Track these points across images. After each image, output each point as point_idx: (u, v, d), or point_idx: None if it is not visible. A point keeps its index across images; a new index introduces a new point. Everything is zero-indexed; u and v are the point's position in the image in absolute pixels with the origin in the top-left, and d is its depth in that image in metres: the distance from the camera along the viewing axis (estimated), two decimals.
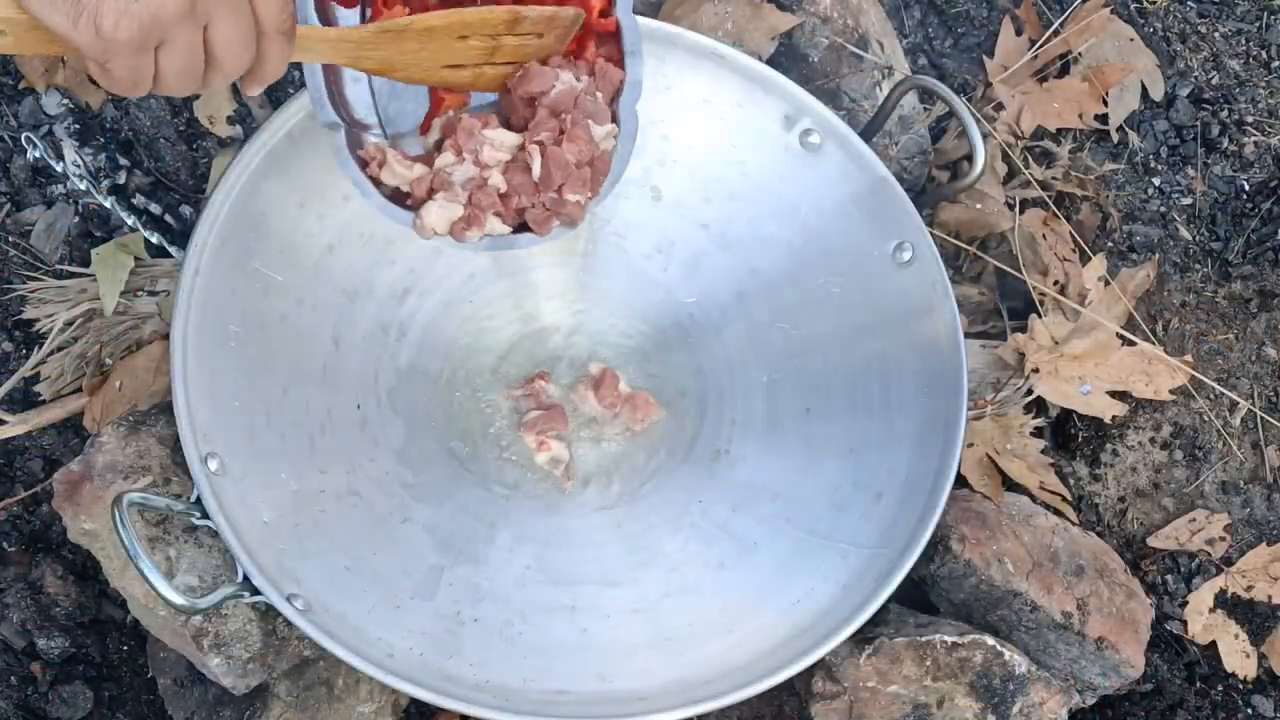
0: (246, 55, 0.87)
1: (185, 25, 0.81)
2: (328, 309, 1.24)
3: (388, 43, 1.03)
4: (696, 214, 1.34)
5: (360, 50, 1.02)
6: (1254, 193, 1.61)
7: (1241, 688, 1.42)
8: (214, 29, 0.83)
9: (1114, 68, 1.59)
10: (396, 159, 1.08)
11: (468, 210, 1.08)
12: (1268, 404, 1.51)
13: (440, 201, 1.08)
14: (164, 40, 0.81)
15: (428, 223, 1.08)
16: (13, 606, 1.29)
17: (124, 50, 0.79)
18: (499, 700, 1.09)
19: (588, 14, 1.13)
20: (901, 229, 1.28)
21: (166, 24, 0.80)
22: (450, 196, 1.08)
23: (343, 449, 1.21)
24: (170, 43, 0.81)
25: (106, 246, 1.34)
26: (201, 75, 0.86)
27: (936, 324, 1.26)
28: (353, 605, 1.11)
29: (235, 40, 0.85)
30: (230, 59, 0.86)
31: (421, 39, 1.04)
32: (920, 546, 1.16)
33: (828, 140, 1.29)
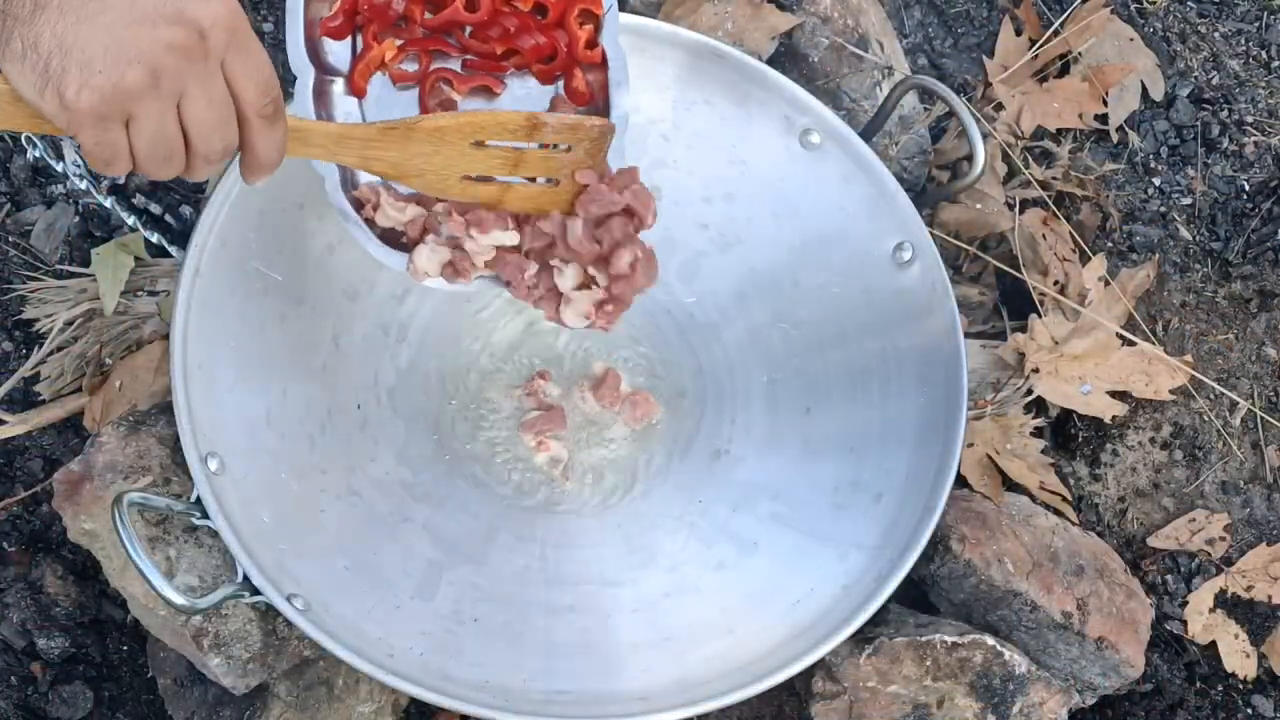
0: (221, 139, 0.84)
1: (150, 100, 0.79)
2: (328, 309, 1.24)
3: (395, 143, 0.99)
4: (696, 214, 1.34)
5: (367, 150, 0.98)
6: (1254, 193, 1.61)
7: (1241, 688, 1.42)
8: (186, 107, 0.82)
9: (1114, 68, 1.59)
10: (389, 202, 1.08)
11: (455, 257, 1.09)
12: (1268, 404, 1.51)
13: (431, 245, 1.08)
14: (131, 115, 0.80)
15: (419, 266, 1.09)
16: (13, 606, 1.29)
17: (88, 122, 0.78)
18: (499, 700, 1.09)
19: (573, 43, 1.13)
20: (901, 229, 1.28)
21: (129, 97, 0.78)
22: (440, 240, 1.08)
23: (343, 449, 1.21)
24: (137, 118, 0.80)
25: (106, 246, 1.34)
26: (182, 156, 0.84)
27: (936, 324, 1.26)
28: (353, 605, 1.11)
29: (209, 120, 0.83)
30: (204, 140, 0.83)
31: (432, 140, 1.00)
32: (920, 546, 1.16)
33: (828, 140, 1.30)
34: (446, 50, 1.14)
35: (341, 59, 1.11)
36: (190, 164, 0.85)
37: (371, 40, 1.11)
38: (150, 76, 0.78)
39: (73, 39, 0.76)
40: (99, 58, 0.77)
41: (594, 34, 1.14)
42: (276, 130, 0.87)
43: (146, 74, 0.78)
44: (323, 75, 1.10)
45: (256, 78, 0.84)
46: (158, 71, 0.78)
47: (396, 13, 1.11)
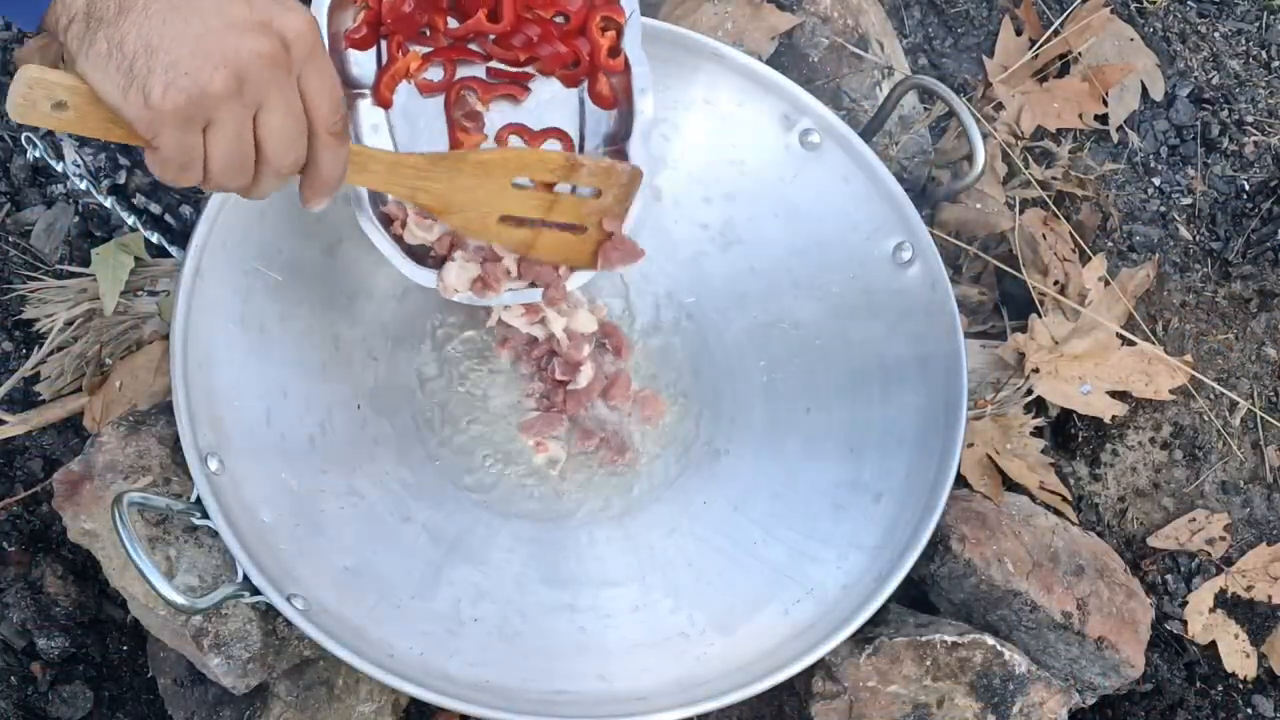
0: (295, 151, 0.86)
1: (233, 106, 0.80)
2: (328, 309, 1.24)
3: (444, 174, 1.02)
4: (696, 214, 1.34)
5: (418, 180, 1.01)
6: (1254, 193, 1.61)
7: (1241, 688, 1.42)
8: (263, 116, 0.83)
9: (1114, 68, 1.59)
10: (415, 220, 1.10)
11: (484, 271, 1.13)
12: (1268, 404, 1.51)
13: (460, 261, 1.12)
14: (212, 120, 0.80)
15: (449, 282, 1.12)
16: (13, 606, 1.29)
17: (170, 123, 0.79)
18: (499, 700, 1.09)
19: (595, 51, 1.14)
20: (901, 229, 1.28)
21: (214, 101, 0.79)
22: (468, 256, 1.11)
23: (343, 449, 1.21)
24: (217, 123, 0.81)
25: (106, 246, 1.34)
26: (252, 167, 0.85)
27: (936, 324, 1.26)
28: (353, 605, 1.11)
29: (284, 131, 0.84)
30: (279, 151, 0.85)
31: (476, 174, 1.04)
32: (920, 546, 1.16)
33: (828, 140, 1.30)
34: (471, 58, 1.15)
35: (366, 70, 1.12)
36: (258, 176, 0.86)
37: (396, 51, 1.11)
38: (235, 82, 0.79)
39: (159, 40, 0.77)
40: (185, 60, 0.77)
41: (616, 40, 1.15)
42: (343, 149, 0.89)
43: (232, 79, 0.79)
44: (349, 90, 1.11)
45: (330, 94, 0.86)
46: (243, 77, 0.79)
47: (420, 23, 1.12)
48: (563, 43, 1.14)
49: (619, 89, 1.16)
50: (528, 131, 1.16)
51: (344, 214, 1.24)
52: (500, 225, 1.08)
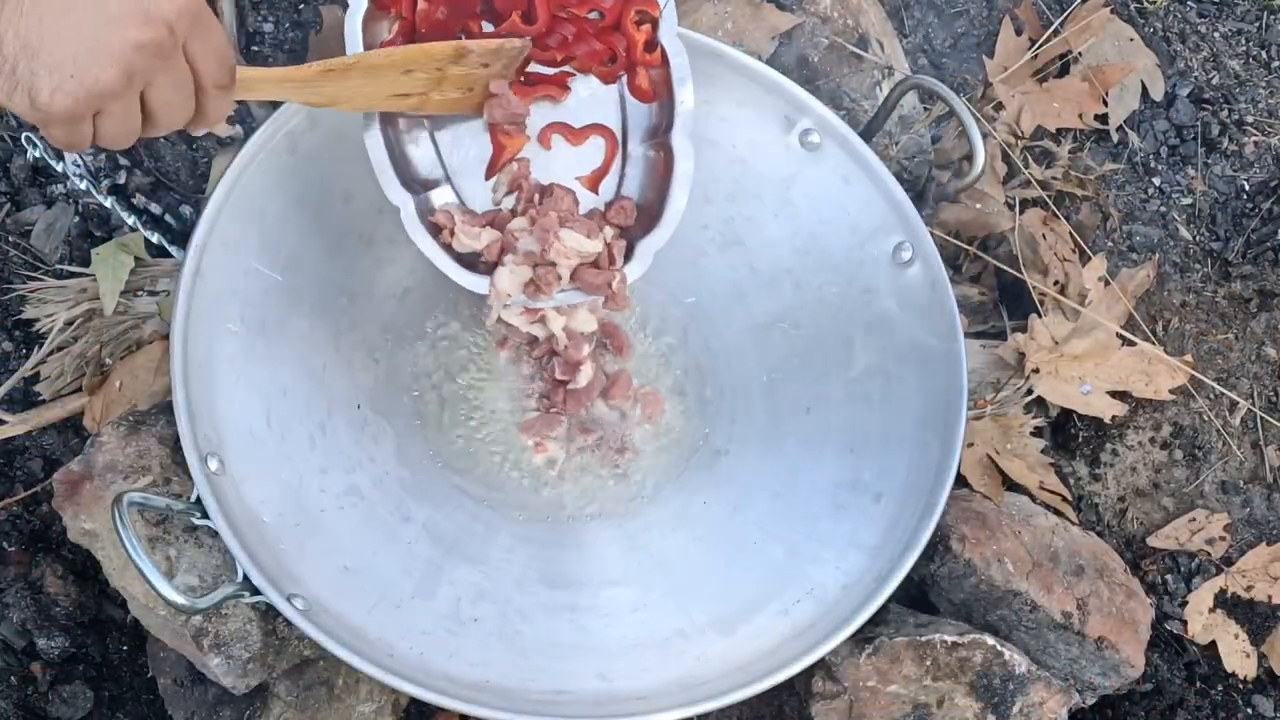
0: (183, 113, 0.86)
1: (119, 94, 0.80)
2: (327, 309, 1.24)
3: (333, 80, 1.03)
4: (696, 214, 1.33)
5: (305, 88, 1.02)
6: (1254, 193, 1.61)
7: (1241, 688, 1.42)
8: (152, 92, 0.83)
9: (1114, 68, 1.59)
10: (463, 228, 1.11)
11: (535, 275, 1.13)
12: (1268, 404, 1.51)
13: (510, 266, 1.12)
14: (101, 110, 0.81)
15: (501, 288, 1.12)
16: (13, 606, 1.28)
17: (59, 121, 0.79)
18: (499, 700, 1.09)
19: (631, 47, 1.14)
20: (901, 229, 1.28)
21: (102, 98, 0.79)
22: (519, 260, 1.11)
23: (343, 449, 1.21)
24: (106, 112, 0.81)
25: (106, 246, 1.34)
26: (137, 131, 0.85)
27: (936, 324, 1.26)
28: (353, 605, 1.11)
29: (173, 101, 0.85)
30: (167, 118, 0.86)
31: (367, 75, 1.05)
32: (920, 546, 1.16)
33: (828, 140, 1.30)
34: None
35: None
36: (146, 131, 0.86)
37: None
38: (123, 77, 0.79)
39: (39, 41, 0.76)
40: (69, 61, 0.76)
41: (652, 33, 1.15)
42: (228, 97, 0.90)
43: (120, 75, 0.79)
44: None
45: (215, 56, 0.86)
46: (130, 71, 0.79)
47: (455, 30, 1.12)
48: (598, 40, 1.14)
49: (658, 81, 1.16)
50: (570, 130, 1.16)
51: (344, 214, 1.24)
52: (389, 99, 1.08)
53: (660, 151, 1.16)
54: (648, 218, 1.16)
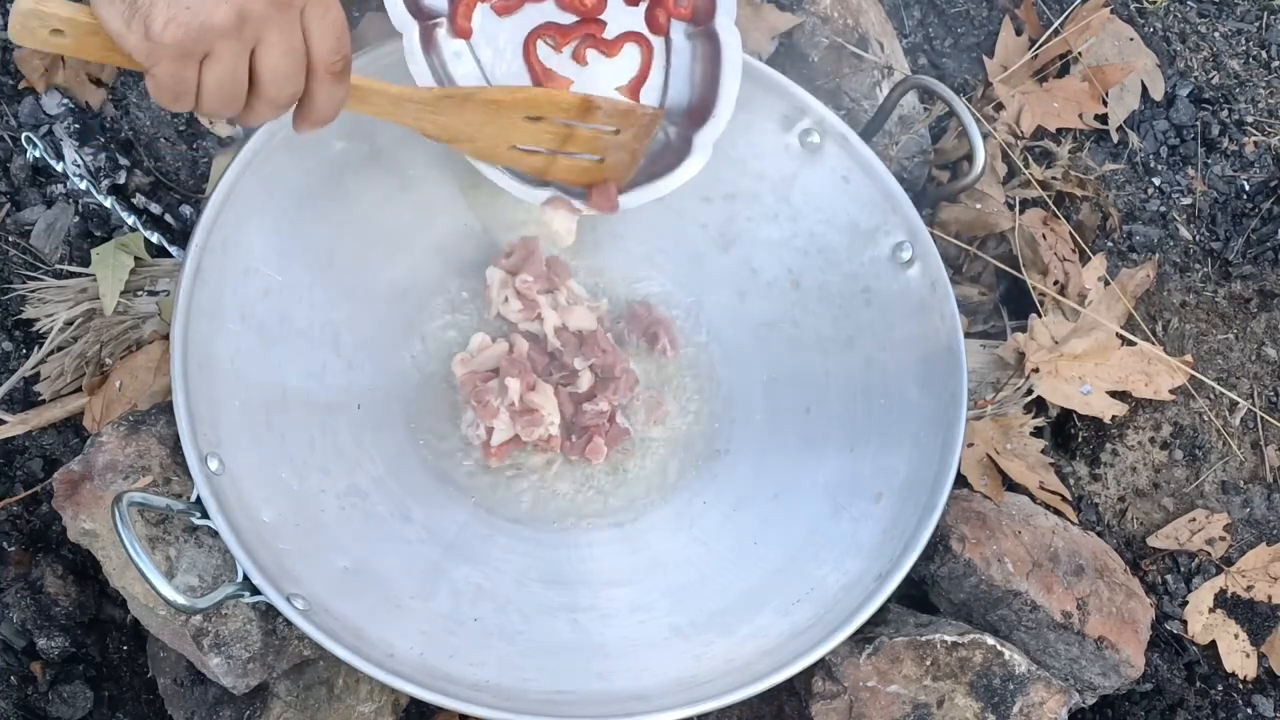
0: (291, 87, 0.86)
1: (232, 41, 0.81)
2: (328, 309, 1.24)
3: (452, 109, 1.01)
4: (696, 214, 1.34)
5: (423, 112, 1.00)
6: (1254, 193, 1.61)
7: (1241, 688, 1.42)
8: (261, 52, 0.83)
9: (1114, 68, 1.59)
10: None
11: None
12: (1268, 404, 1.51)
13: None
14: (210, 52, 0.81)
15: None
16: (13, 606, 1.28)
17: (169, 55, 0.80)
18: (499, 700, 1.09)
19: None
20: (902, 229, 1.28)
21: (213, 35, 0.80)
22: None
23: (343, 449, 1.21)
24: (215, 56, 0.82)
25: (106, 246, 1.34)
26: (244, 98, 0.85)
27: (936, 324, 1.26)
28: (353, 605, 1.11)
29: (282, 68, 0.85)
30: (274, 86, 0.85)
31: (487, 111, 1.03)
32: (920, 546, 1.16)
33: (828, 140, 1.30)
34: None
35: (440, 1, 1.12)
36: (251, 106, 0.86)
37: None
38: (237, 18, 0.80)
39: None
40: None
41: None
42: (340, 88, 0.90)
43: (234, 15, 0.80)
44: (426, 20, 1.10)
45: (332, 34, 0.86)
46: (244, 14, 0.80)
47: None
48: None
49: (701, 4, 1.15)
50: (603, 42, 1.15)
51: (344, 214, 1.24)
52: (513, 152, 1.06)
53: (706, 41, 1.14)
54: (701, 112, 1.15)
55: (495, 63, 1.12)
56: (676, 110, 1.20)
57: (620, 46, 1.16)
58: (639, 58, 1.16)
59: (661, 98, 1.17)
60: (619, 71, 1.17)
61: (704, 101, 1.16)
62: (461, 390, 1.26)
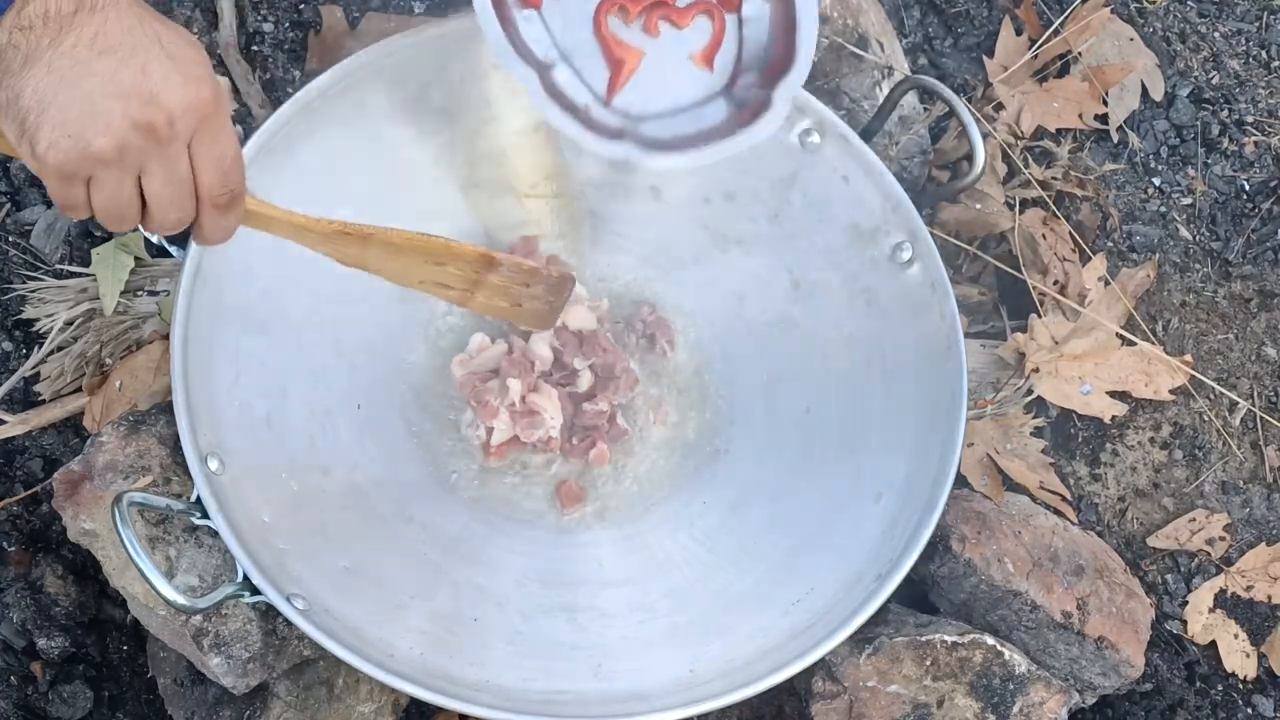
0: (175, 213, 0.87)
1: (113, 170, 0.83)
2: (328, 309, 1.24)
3: (353, 245, 1.01)
4: (696, 214, 1.34)
5: (325, 244, 1.00)
6: (1254, 193, 1.61)
7: (1241, 688, 1.42)
8: (145, 180, 0.85)
9: (1114, 68, 1.59)
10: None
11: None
12: (1268, 404, 1.51)
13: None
14: (93, 177, 0.83)
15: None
16: (13, 606, 1.28)
17: (52, 174, 0.82)
18: (499, 700, 1.09)
19: None
20: (901, 229, 1.28)
21: (92, 163, 0.82)
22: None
23: (343, 449, 1.21)
24: (98, 181, 0.83)
25: (106, 246, 1.34)
26: (135, 218, 0.87)
27: (936, 324, 1.26)
28: (353, 605, 1.11)
29: (165, 196, 0.86)
30: (159, 212, 0.87)
31: (386, 252, 1.02)
32: (920, 546, 1.16)
33: (827, 140, 1.29)
34: None
35: None
36: (145, 225, 0.88)
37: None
38: (115, 150, 0.82)
39: (51, 99, 0.80)
40: (70, 122, 0.80)
41: None
42: (228, 218, 0.91)
43: (111, 146, 0.82)
44: None
45: (216, 167, 0.87)
46: (122, 147, 0.82)
47: None
48: None
49: None
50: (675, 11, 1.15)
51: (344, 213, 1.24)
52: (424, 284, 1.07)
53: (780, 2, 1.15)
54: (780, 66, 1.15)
55: (565, 32, 1.13)
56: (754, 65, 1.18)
57: (691, 16, 1.15)
58: (710, 27, 1.16)
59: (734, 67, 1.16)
60: (691, 40, 1.16)
61: (781, 56, 1.15)
62: (460, 391, 1.26)
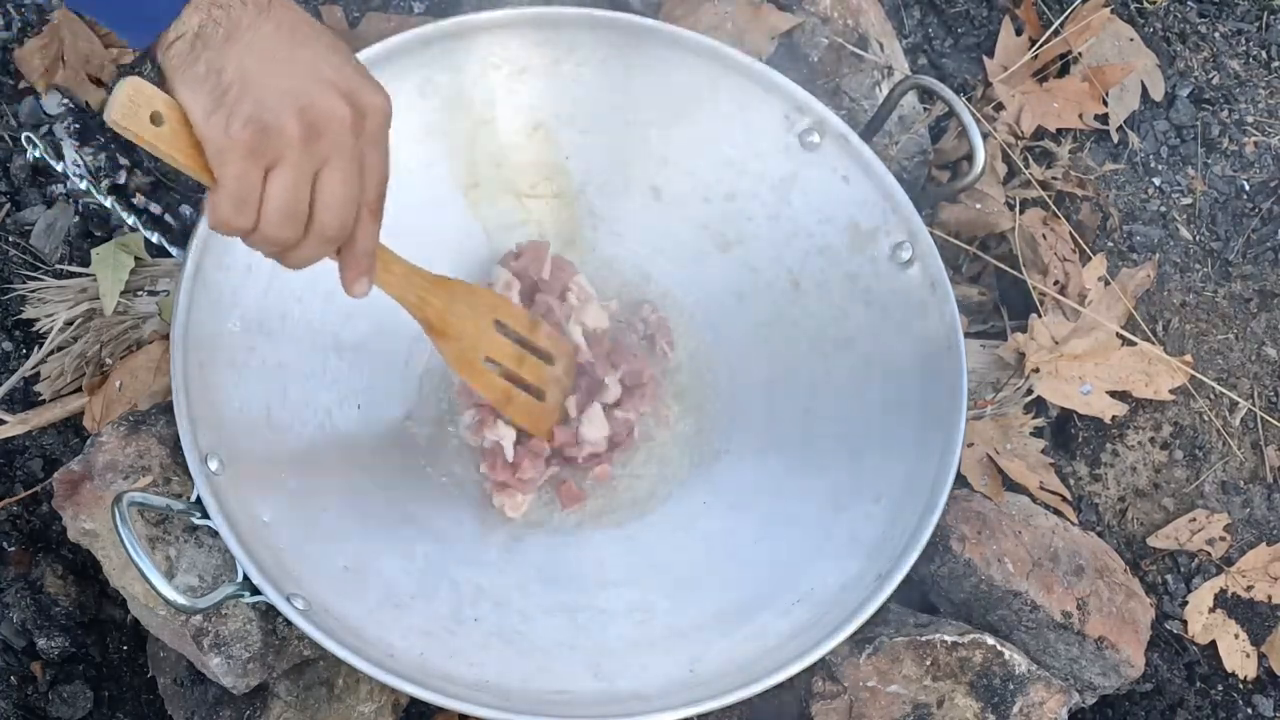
0: (344, 216, 0.89)
1: (300, 154, 0.83)
2: (329, 309, 1.24)
3: (443, 293, 1.10)
4: (696, 214, 1.34)
5: (424, 293, 1.08)
6: (1254, 193, 1.61)
7: (1241, 688, 1.42)
8: (324, 176, 0.86)
9: (1114, 68, 1.59)
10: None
11: None
12: (1268, 404, 1.51)
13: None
14: (277, 161, 0.83)
15: None
16: (13, 606, 1.29)
17: (238, 153, 0.82)
18: (499, 700, 1.09)
19: None
20: (901, 229, 1.28)
21: (284, 143, 0.82)
22: None
23: (343, 449, 1.21)
24: (281, 166, 0.84)
25: (106, 246, 1.34)
26: (303, 220, 0.87)
27: (936, 324, 1.26)
28: (353, 605, 1.11)
29: (339, 196, 0.87)
30: (330, 213, 0.87)
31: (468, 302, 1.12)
32: (920, 546, 1.16)
33: (827, 140, 1.29)
34: None
35: None
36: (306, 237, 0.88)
37: None
38: (310, 132, 0.83)
39: (255, 77, 0.82)
40: (271, 98, 0.82)
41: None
42: (377, 226, 0.93)
43: (307, 129, 0.83)
44: None
45: (381, 175, 0.90)
46: (317, 131, 0.83)
47: None
48: None
49: None
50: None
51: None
52: (484, 367, 1.16)
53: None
54: None
55: None
56: None
57: None
58: None
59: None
60: None
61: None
62: (461, 397, 1.26)
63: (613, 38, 1.29)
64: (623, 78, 1.30)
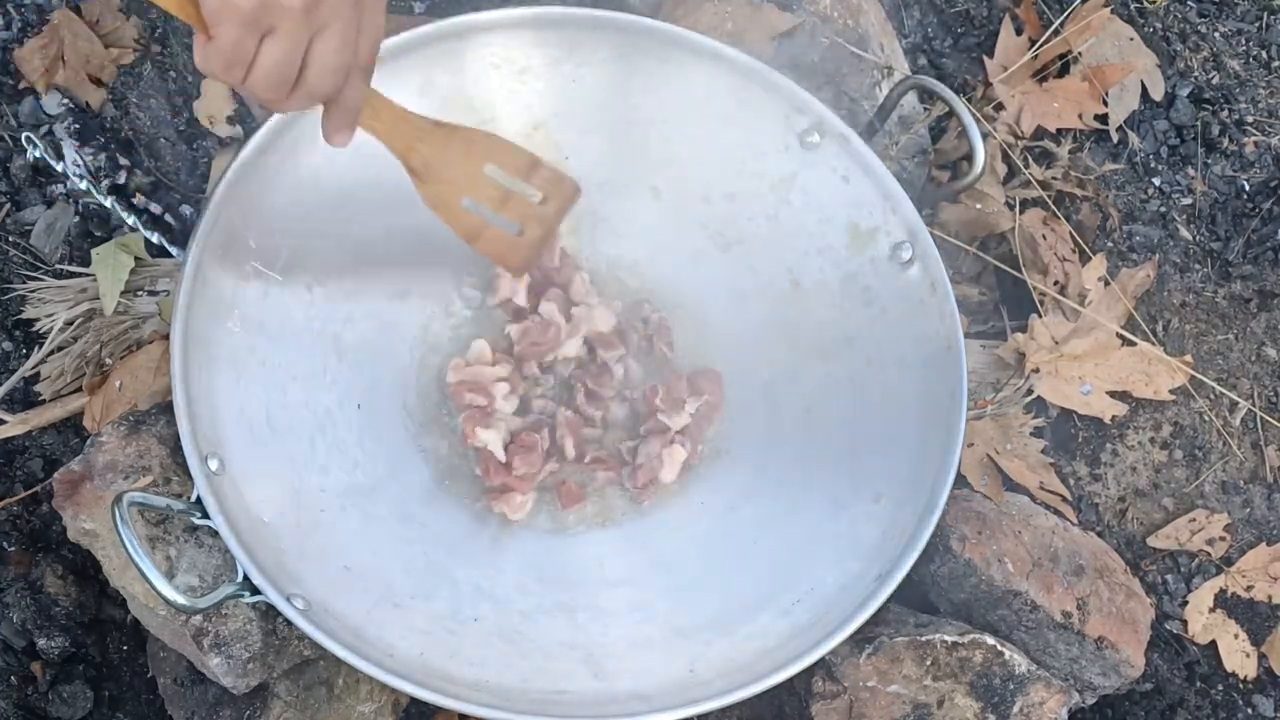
0: (334, 79, 0.88)
1: (297, 21, 0.83)
2: (328, 309, 1.24)
3: (438, 141, 1.07)
4: (696, 214, 1.34)
5: (415, 139, 1.05)
6: (1254, 193, 1.61)
7: (1241, 688, 1.42)
8: (320, 41, 0.85)
9: (1114, 68, 1.59)
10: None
11: None
12: (1268, 404, 1.51)
13: None
14: (273, 29, 0.83)
15: None
16: (13, 606, 1.29)
17: (236, 19, 0.81)
18: (499, 700, 1.09)
19: None
20: (901, 229, 1.28)
21: (282, 13, 0.82)
22: None
23: (343, 449, 1.21)
24: (277, 34, 0.83)
25: (106, 246, 1.34)
26: (291, 83, 0.87)
27: (936, 324, 1.26)
28: (353, 605, 1.11)
29: (332, 62, 0.87)
30: (319, 77, 0.87)
31: (461, 149, 1.09)
32: (920, 546, 1.16)
33: (827, 140, 1.30)
34: None
35: None
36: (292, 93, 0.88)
37: None
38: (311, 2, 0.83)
39: None
40: None
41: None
42: (366, 81, 0.93)
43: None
44: None
45: (376, 36, 0.90)
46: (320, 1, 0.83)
47: None
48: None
49: None
50: None
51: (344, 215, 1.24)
52: (461, 208, 1.12)
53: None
54: None
55: None
56: None
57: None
58: None
59: None
60: None
61: None
62: (454, 399, 1.26)
63: (613, 38, 1.29)
64: (623, 78, 1.30)
